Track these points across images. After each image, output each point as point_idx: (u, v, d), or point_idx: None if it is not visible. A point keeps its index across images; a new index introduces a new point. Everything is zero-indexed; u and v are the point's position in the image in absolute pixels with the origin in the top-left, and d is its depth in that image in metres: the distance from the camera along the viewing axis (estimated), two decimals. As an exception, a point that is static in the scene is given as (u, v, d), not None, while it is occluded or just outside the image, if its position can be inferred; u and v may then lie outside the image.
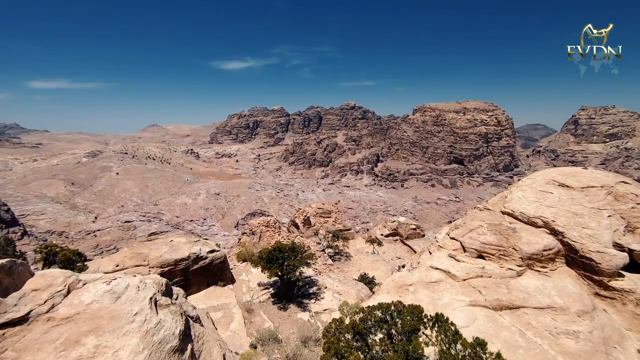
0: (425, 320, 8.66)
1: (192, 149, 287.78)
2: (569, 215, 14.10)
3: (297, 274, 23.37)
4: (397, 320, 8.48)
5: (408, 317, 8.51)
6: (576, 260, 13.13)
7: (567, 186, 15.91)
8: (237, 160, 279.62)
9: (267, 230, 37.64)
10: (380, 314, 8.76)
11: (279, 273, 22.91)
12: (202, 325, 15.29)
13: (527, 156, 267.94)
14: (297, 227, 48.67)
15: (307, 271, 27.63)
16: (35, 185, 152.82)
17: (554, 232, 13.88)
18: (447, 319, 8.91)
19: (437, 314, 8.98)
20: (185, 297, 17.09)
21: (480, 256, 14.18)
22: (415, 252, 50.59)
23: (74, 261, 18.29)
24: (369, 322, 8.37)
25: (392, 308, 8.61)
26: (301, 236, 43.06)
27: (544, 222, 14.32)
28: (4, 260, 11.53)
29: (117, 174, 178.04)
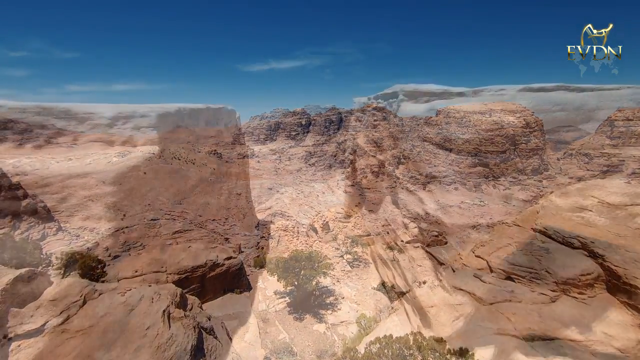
0: (447, 356, 7.93)
1: (215, 150, 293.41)
2: (611, 237, 12.81)
3: (314, 283, 22.93)
4: (417, 355, 7.79)
5: (429, 352, 7.81)
6: (619, 287, 11.89)
7: (607, 204, 14.53)
8: (258, 161, 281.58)
9: (285, 235, 37.42)
10: (397, 347, 8.10)
11: (296, 282, 22.55)
12: (216, 337, 15.09)
13: (558, 159, 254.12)
14: (316, 232, 48.24)
15: (325, 279, 27.11)
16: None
17: (593, 255, 12.65)
18: (472, 354, 8.14)
19: (461, 348, 8.23)
20: (201, 307, 16.97)
21: (509, 278, 13.15)
22: (436, 259, 48.89)
23: (94, 268, 18.67)
24: (386, 358, 7.74)
25: (411, 342, 7.92)
26: (320, 241, 42.56)
27: (581, 242, 13.09)
28: (22, 271, 11.71)
29: (145, 173, 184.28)
